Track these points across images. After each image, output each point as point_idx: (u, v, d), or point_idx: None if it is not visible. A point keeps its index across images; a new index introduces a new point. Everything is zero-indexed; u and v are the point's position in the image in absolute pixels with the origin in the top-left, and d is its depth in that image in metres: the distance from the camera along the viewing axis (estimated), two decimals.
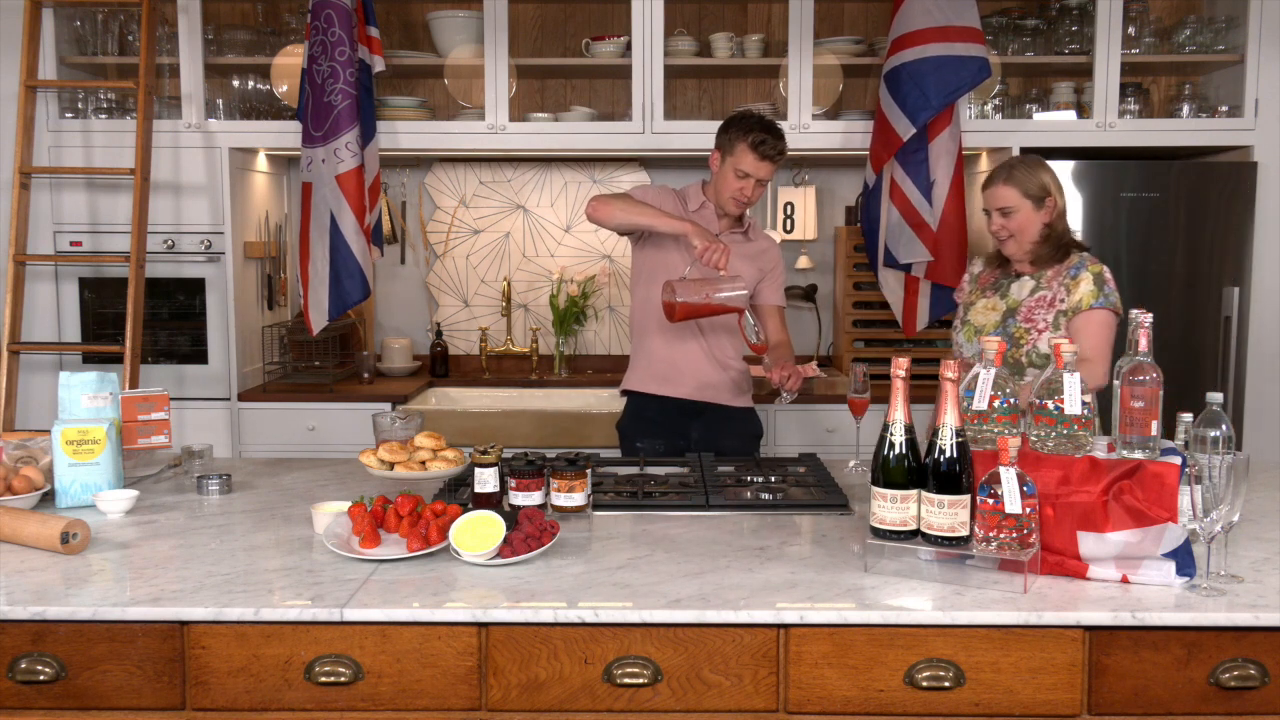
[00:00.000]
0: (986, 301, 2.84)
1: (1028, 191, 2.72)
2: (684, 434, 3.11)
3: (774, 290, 3.18)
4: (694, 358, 3.09)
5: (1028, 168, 2.76)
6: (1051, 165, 2.83)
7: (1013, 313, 2.76)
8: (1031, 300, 2.75)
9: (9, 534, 2.07)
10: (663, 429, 3.10)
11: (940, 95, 3.65)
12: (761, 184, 3.00)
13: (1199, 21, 3.96)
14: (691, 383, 3.09)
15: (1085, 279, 2.70)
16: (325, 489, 2.55)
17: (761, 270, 3.13)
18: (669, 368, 3.09)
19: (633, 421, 3.17)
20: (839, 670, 1.76)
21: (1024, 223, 2.73)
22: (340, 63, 3.67)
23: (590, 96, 4.41)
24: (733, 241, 3.07)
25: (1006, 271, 2.85)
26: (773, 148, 2.95)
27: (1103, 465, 1.88)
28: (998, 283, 2.85)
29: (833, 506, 2.34)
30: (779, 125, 3.01)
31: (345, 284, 3.78)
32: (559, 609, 1.75)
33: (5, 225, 3.84)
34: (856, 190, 4.39)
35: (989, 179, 2.79)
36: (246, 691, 1.78)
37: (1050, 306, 2.72)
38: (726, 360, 3.13)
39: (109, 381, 2.55)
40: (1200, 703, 1.76)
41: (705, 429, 3.11)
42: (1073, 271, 2.73)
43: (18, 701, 1.80)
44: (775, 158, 2.97)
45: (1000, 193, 2.75)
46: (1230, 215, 3.79)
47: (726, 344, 3.12)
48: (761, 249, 3.16)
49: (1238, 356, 3.83)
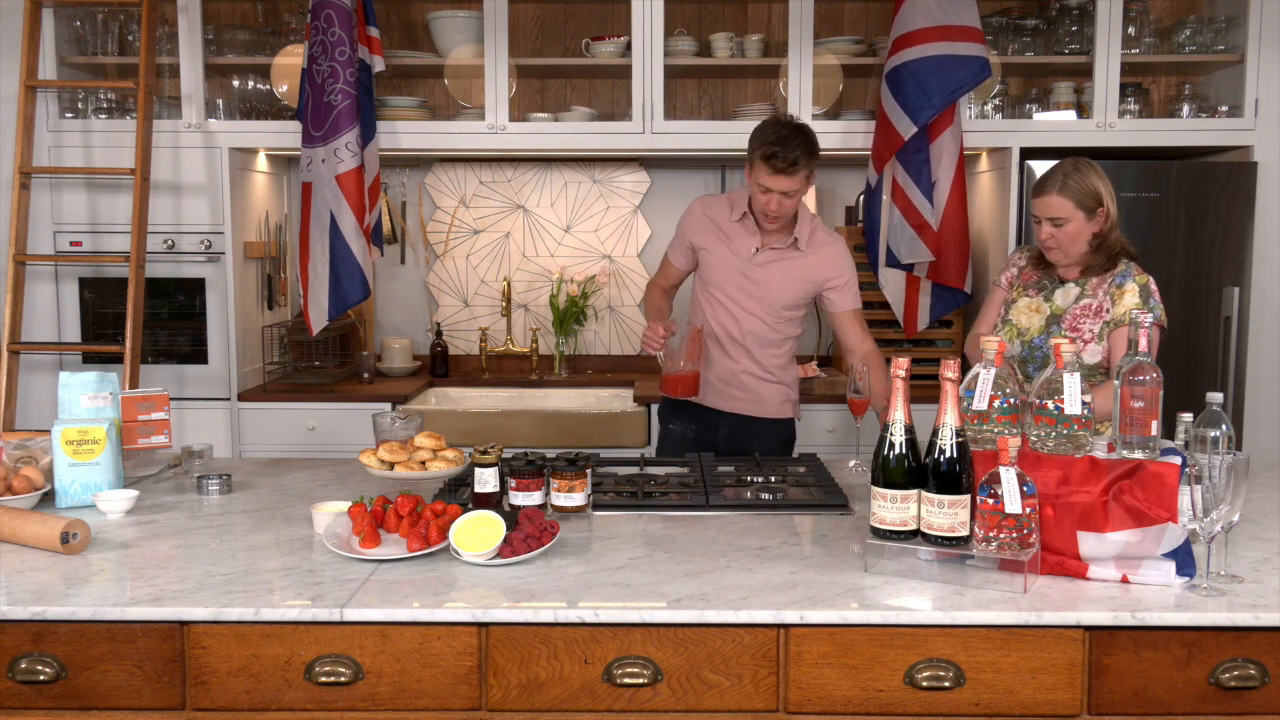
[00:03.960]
0: (1029, 302, 2.75)
1: (1081, 202, 2.61)
2: (714, 427, 3.12)
3: (843, 296, 3.03)
4: (736, 375, 3.09)
5: (1081, 174, 2.63)
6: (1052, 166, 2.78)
7: (1057, 319, 2.68)
8: (1076, 308, 2.66)
9: (9, 534, 2.07)
10: (695, 419, 3.14)
11: (942, 94, 3.65)
12: (788, 195, 2.85)
13: (1199, 21, 3.96)
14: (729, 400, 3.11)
15: (1130, 290, 2.62)
16: (325, 489, 2.55)
17: (816, 283, 3.01)
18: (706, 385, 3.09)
19: (672, 405, 3.19)
20: (839, 670, 1.76)
21: (1074, 234, 2.62)
22: (340, 63, 3.67)
23: (590, 96, 4.41)
24: (778, 257, 3.00)
25: (1050, 274, 2.75)
26: (783, 159, 2.78)
27: (1103, 465, 1.88)
28: (1040, 282, 2.76)
29: (833, 506, 2.34)
30: (804, 126, 2.88)
31: (345, 284, 3.78)
32: (559, 609, 1.75)
33: (5, 225, 3.84)
34: (856, 190, 4.39)
35: (1040, 185, 2.66)
36: (246, 691, 1.78)
37: (1096, 316, 2.64)
38: (768, 376, 3.10)
39: (109, 381, 2.55)
40: (1200, 703, 1.76)
41: (734, 426, 3.12)
42: (1118, 280, 2.64)
43: (18, 701, 1.80)
44: (788, 170, 2.80)
45: (1052, 202, 2.62)
46: (1230, 215, 3.79)
47: (769, 359, 3.09)
48: (815, 263, 3.00)
49: (1238, 356, 3.83)
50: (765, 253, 3.01)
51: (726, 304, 3.05)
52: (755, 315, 3.04)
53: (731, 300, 3.04)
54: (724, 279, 3.04)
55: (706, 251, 3.07)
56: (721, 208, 3.07)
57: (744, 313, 3.04)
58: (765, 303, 3.02)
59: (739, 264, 3.02)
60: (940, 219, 3.78)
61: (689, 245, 3.12)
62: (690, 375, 2.97)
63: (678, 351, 2.95)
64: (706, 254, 3.07)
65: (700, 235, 3.09)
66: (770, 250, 3.01)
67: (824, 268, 3.01)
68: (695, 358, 2.98)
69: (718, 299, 3.06)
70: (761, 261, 3.01)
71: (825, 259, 3.01)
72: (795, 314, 3.08)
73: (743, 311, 3.04)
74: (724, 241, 3.04)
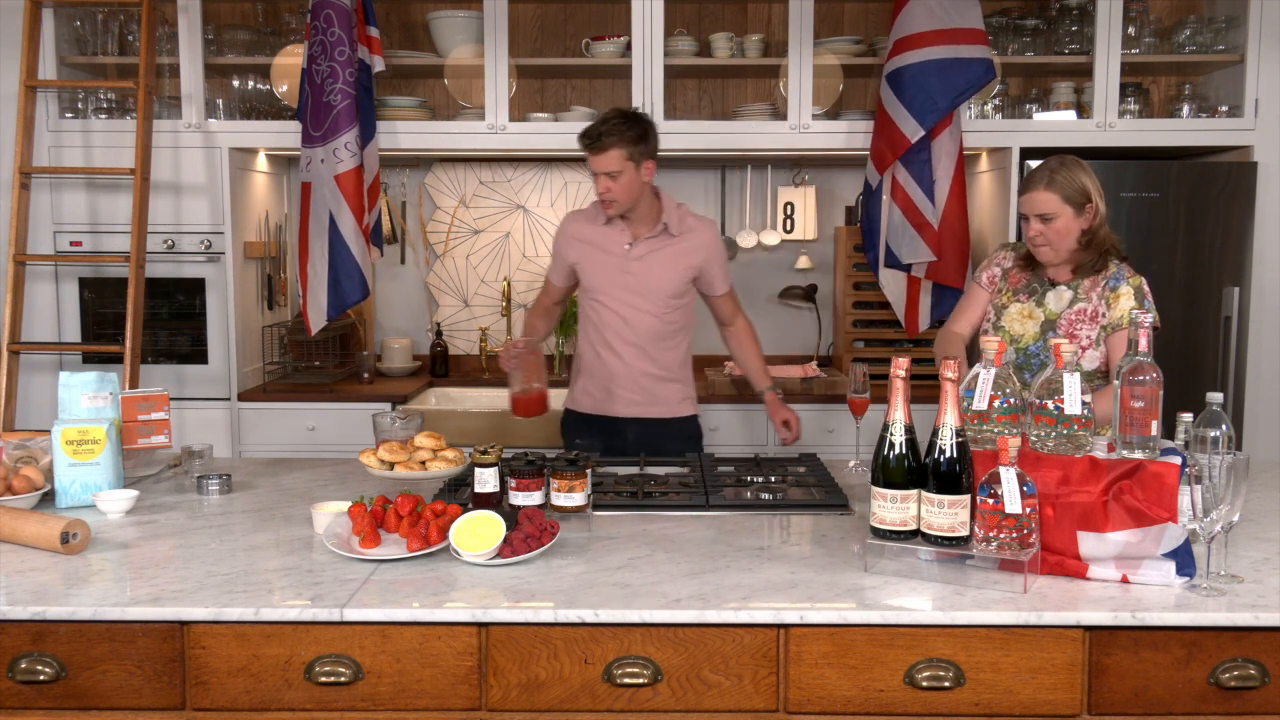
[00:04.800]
0: (1021, 308, 2.71)
1: (1069, 197, 2.59)
2: (621, 435, 3.13)
3: (718, 279, 3.14)
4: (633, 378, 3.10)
5: (1069, 170, 2.62)
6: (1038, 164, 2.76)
7: (1052, 325, 2.66)
8: (1071, 313, 2.64)
9: (9, 534, 2.07)
10: (600, 430, 3.14)
11: (947, 98, 3.65)
12: (611, 177, 2.93)
13: (1199, 21, 3.96)
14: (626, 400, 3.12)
15: (1125, 292, 2.60)
16: (325, 489, 2.56)
17: (693, 267, 3.08)
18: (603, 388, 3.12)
19: (575, 420, 3.22)
20: (839, 670, 1.76)
21: (1063, 230, 2.61)
22: (340, 63, 3.67)
23: (590, 96, 4.41)
24: (653, 247, 3.05)
25: (1039, 276, 2.73)
26: (589, 136, 2.92)
27: (1103, 465, 1.88)
28: (1030, 286, 2.73)
29: (833, 506, 2.34)
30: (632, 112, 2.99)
31: (344, 284, 3.78)
32: (559, 609, 1.75)
33: (5, 225, 3.84)
34: (856, 190, 4.39)
35: (1028, 182, 2.66)
36: (246, 691, 1.78)
37: (1093, 321, 2.62)
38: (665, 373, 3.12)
39: (109, 381, 2.55)
40: (1200, 703, 1.76)
41: (640, 431, 3.12)
42: (1111, 283, 2.63)
43: (18, 701, 1.80)
44: (595, 148, 2.90)
45: (1039, 198, 2.60)
46: (1230, 215, 3.79)
47: (664, 355, 3.12)
48: (690, 246, 3.08)
49: (1238, 356, 3.83)
50: (640, 245, 3.05)
51: (613, 305, 3.07)
52: (643, 310, 3.06)
53: (617, 300, 3.06)
54: (606, 281, 3.06)
55: (582, 262, 3.10)
56: (587, 218, 3.13)
57: (632, 310, 3.06)
58: (650, 295, 3.05)
59: (617, 262, 3.05)
60: (940, 218, 3.78)
61: (566, 263, 3.15)
62: (534, 395, 2.94)
63: (515, 373, 2.94)
64: (583, 264, 3.10)
65: (572, 249, 3.12)
66: (644, 242, 3.05)
67: (700, 250, 3.08)
68: (530, 378, 2.94)
69: (604, 304, 3.08)
70: (638, 255, 3.05)
71: (700, 242, 3.09)
72: (682, 302, 3.11)
73: (630, 309, 3.06)
74: (597, 247, 3.08)
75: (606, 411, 3.14)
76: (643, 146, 2.95)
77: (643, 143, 2.95)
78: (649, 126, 2.99)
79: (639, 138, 2.94)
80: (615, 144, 2.91)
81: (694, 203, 4.55)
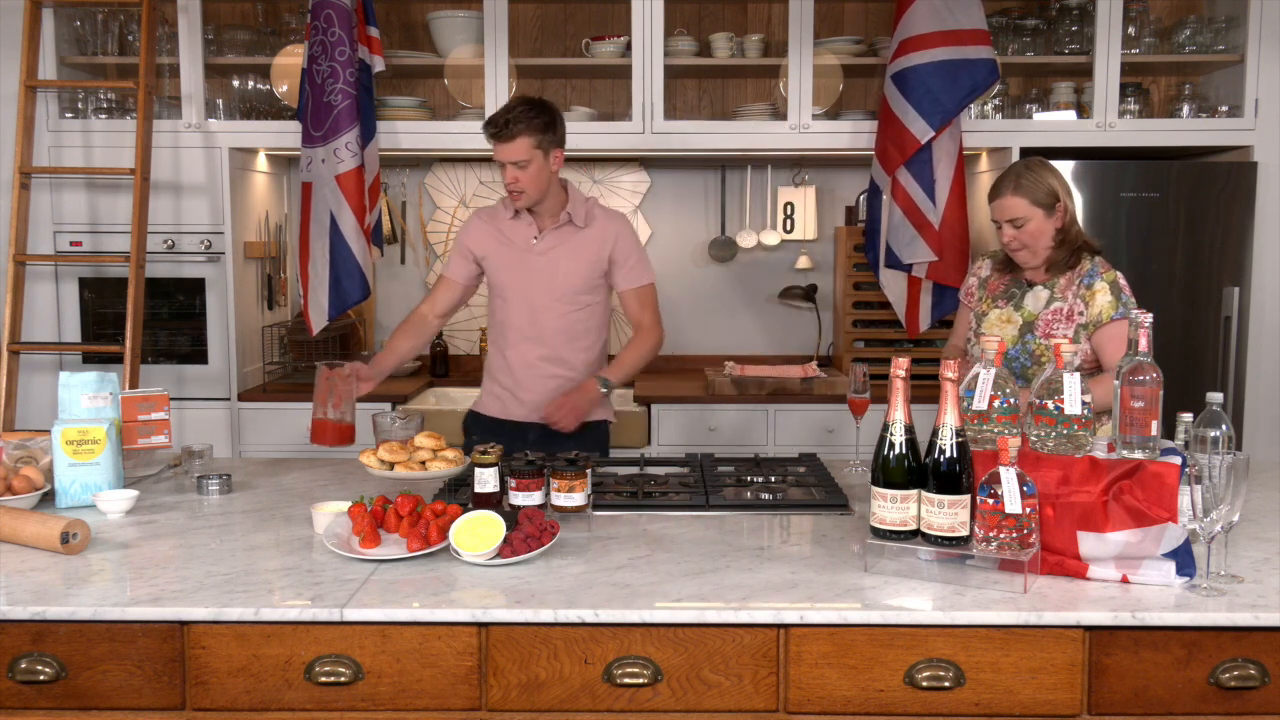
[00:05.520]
0: (1000, 313, 2.73)
1: (1037, 200, 2.61)
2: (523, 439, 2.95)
3: (630, 273, 3.00)
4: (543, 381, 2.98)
5: (1034, 173, 2.64)
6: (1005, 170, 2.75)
7: (1030, 327, 2.67)
8: (1048, 313, 2.65)
9: (9, 534, 2.07)
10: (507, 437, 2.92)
11: (955, 99, 3.65)
12: (518, 166, 2.84)
13: (1199, 21, 3.96)
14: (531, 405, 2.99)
15: (1101, 289, 2.61)
16: (325, 489, 2.56)
17: (603, 260, 2.97)
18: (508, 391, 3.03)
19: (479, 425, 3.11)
20: (839, 670, 1.76)
21: (1036, 232, 2.62)
22: (340, 63, 3.67)
23: (590, 96, 4.41)
24: (560, 240, 2.96)
25: (1017, 278, 2.75)
26: (494, 125, 2.83)
27: (1103, 465, 1.88)
28: (1008, 290, 2.75)
29: (833, 506, 2.34)
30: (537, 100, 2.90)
31: (345, 284, 3.78)
32: (559, 609, 1.75)
33: (5, 225, 3.84)
34: (856, 190, 4.39)
35: (995, 189, 2.68)
36: (246, 691, 1.78)
37: (1069, 320, 2.63)
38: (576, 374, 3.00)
39: (109, 381, 2.55)
40: (1200, 703, 1.76)
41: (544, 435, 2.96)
42: (1086, 280, 2.63)
43: (18, 701, 1.80)
44: (500, 136, 2.82)
45: (1009, 204, 2.63)
46: (1230, 215, 3.79)
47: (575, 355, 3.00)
48: (598, 237, 2.97)
49: (1238, 356, 3.83)
50: (546, 237, 2.96)
51: (521, 301, 2.97)
52: (551, 306, 2.96)
53: (525, 295, 2.96)
54: (513, 275, 2.97)
55: (489, 257, 3.00)
56: (495, 213, 3.04)
57: (540, 308, 2.96)
58: (557, 290, 2.95)
59: (523, 256, 2.96)
60: (941, 218, 3.78)
61: (470, 255, 3.02)
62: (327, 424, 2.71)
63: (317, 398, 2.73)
64: (490, 260, 3.00)
65: (480, 243, 3.01)
66: (551, 234, 2.96)
67: (609, 241, 2.97)
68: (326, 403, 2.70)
69: (512, 300, 2.98)
70: (545, 248, 2.96)
71: (608, 233, 2.97)
72: (593, 299, 3.00)
73: (538, 307, 2.96)
74: (504, 240, 2.99)
75: (509, 416, 3.03)
76: (550, 135, 2.86)
77: (550, 131, 2.86)
78: (556, 114, 2.90)
79: (546, 126, 2.84)
80: (523, 132, 2.81)
81: (694, 202, 4.55)
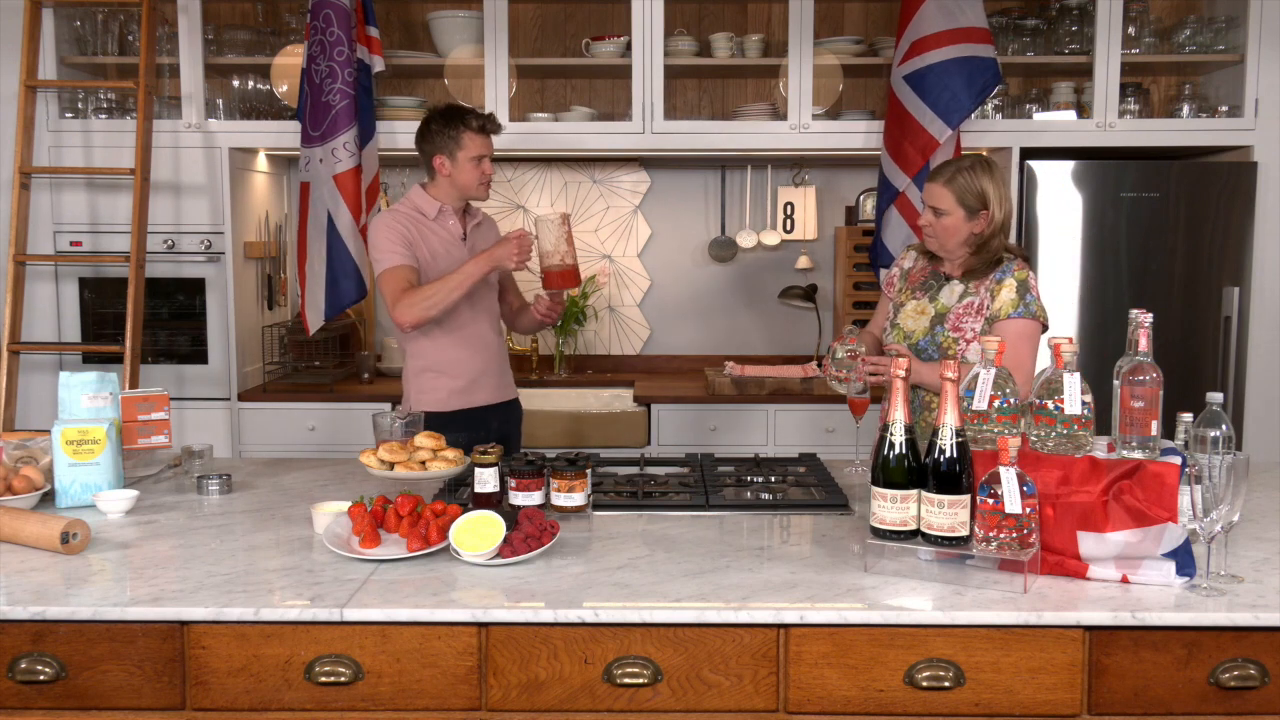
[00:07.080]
0: (916, 304, 2.73)
1: (962, 199, 2.59)
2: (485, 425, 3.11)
3: None
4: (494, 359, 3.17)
5: (973, 174, 2.60)
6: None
7: (941, 319, 2.66)
8: (960, 307, 2.64)
9: (9, 534, 2.07)
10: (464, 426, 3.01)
11: (971, 96, 3.65)
12: (490, 159, 3.09)
13: (1199, 21, 3.96)
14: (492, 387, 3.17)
15: (1008, 285, 2.59)
16: (325, 489, 2.56)
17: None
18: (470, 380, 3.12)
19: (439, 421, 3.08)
20: (839, 670, 1.76)
21: (950, 227, 2.62)
22: (339, 63, 3.67)
23: (590, 96, 4.41)
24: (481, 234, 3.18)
25: (936, 271, 2.74)
26: (494, 122, 3.07)
27: (1103, 465, 1.88)
28: (927, 283, 2.74)
29: (833, 506, 2.34)
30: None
31: (342, 284, 3.78)
32: (559, 609, 1.75)
33: (5, 225, 3.84)
34: (856, 190, 4.39)
35: (933, 172, 2.67)
36: (246, 691, 1.78)
37: (978, 314, 2.62)
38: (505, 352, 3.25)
39: (109, 381, 2.55)
40: (1200, 703, 1.76)
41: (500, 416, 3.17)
42: (998, 276, 2.62)
43: (18, 701, 1.80)
44: (497, 128, 3.09)
45: (935, 190, 2.62)
46: (1230, 215, 3.79)
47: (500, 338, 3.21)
48: (493, 225, 3.28)
49: (1238, 356, 3.83)
50: (470, 230, 3.15)
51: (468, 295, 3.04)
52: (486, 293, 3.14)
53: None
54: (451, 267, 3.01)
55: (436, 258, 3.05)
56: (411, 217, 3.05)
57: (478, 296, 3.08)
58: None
59: (460, 250, 3.08)
60: None
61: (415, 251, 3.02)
62: (570, 268, 2.95)
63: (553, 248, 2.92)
64: (437, 260, 3.05)
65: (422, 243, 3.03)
66: (470, 226, 3.16)
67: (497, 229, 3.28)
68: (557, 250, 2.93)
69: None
70: (474, 241, 3.14)
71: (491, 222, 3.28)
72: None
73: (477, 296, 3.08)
74: (442, 238, 3.08)
75: (471, 404, 3.11)
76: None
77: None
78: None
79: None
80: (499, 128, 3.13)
81: (694, 203, 4.55)
